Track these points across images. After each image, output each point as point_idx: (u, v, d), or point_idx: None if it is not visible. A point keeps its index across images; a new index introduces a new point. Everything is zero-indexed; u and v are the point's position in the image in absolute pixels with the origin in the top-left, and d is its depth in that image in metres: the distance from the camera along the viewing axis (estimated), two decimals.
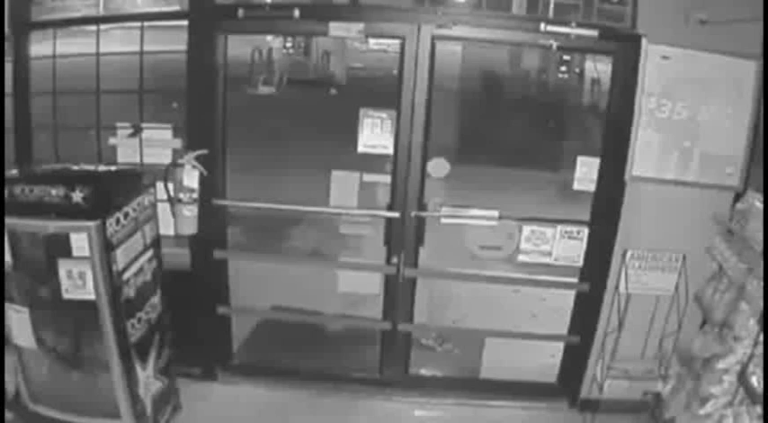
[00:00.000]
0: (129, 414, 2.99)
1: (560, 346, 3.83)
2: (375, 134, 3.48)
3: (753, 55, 3.16)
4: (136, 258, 3.00)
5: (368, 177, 3.61)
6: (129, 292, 2.95)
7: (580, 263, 3.59)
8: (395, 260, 3.57)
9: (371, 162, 3.59)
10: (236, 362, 3.95)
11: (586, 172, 3.47)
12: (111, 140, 3.58)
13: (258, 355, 4.06)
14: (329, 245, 4.29)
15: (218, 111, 3.51)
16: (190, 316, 3.57)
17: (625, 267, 3.38)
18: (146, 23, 3.55)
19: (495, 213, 3.55)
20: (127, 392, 2.96)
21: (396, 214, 3.53)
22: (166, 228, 3.36)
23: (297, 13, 3.34)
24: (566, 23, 3.27)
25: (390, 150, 3.49)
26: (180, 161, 3.34)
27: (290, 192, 3.96)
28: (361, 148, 3.49)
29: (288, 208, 3.75)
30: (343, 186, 3.60)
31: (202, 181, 3.37)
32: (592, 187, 3.49)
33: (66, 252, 2.75)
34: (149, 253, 3.12)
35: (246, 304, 4.03)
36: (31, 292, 2.85)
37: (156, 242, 3.20)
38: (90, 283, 2.78)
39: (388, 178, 3.55)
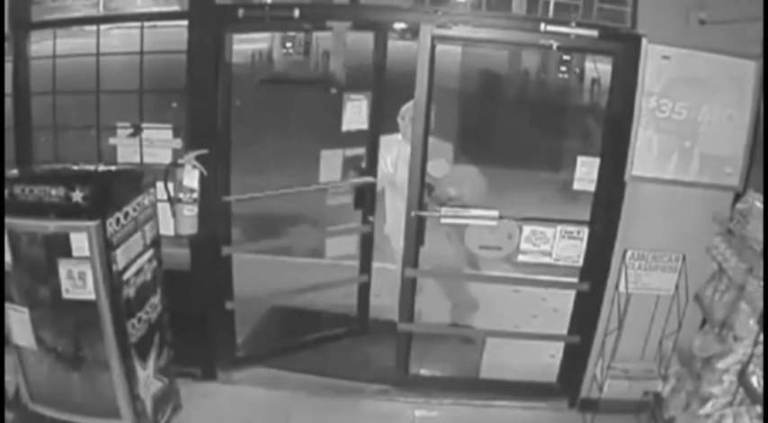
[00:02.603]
0: (129, 414, 2.99)
1: (560, 346, 3.83)
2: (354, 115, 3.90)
3: (753, 55, 3.15)
4: (136, 258, 3.00)
5: (349, 152, 3.98)
6: (129, 292, 2.95)
7: (580, 263, 3.59)
8: (370, 219, 4.09)
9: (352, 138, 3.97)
10: (237, 362, 3.95)
11: (586, 172, 3.47)
12: (111, 140, 3.58)
13: (258, 355, 4.06)
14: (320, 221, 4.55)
15: (220, 109, 3.51)
16: (190, 316, 3.57)
17: (625, 267, 3.38)
18: (146, 23, 3.55)
19: (495, 213, 3.55)
20: (127, 392, 2.96)
21: (370, 179, 3.99)
22: (166, 228, 3.36)
23: (297, 12, 3.34)
24: (566, 23, 3.27)
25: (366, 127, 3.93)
26: (180, 161, 3.34)
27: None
28: (344, 127, 3.89)
29: (289, 191, 3.98)
30: (330, 163, 3.95)
31: (204, 180, 3.37)
32: (592, 187, 3.49)
33: (67, 252, 2.75)
34: (149, 253, 3.12)
35: (246, 305, 4.04)
36: (31, 292, 2.85)
37: (156, 242, 3.21)
38: (90, 283, 2.78)
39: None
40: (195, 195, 3.34)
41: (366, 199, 4.05)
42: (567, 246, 3.55)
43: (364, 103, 3.86)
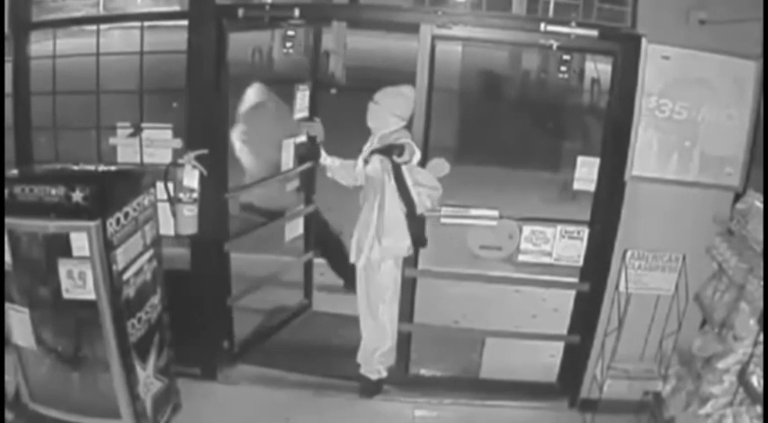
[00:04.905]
0: (129, 414, 2.99)
1: (560, 346, 3.83)
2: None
3: (753, 55, 3.16)
4: (136, 258, 3.00)
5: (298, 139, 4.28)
6: (129, 292, 2.95)
7: (580, 263, 3.59)
8: (312, 200, 4.47)
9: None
10: (237, 361, 3.96)
11: (586, 172, 3.47)
12: (111, 140, 3.58)
13: (258, 354, 4.07)
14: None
15: (219, 109, 3.51)
16: (190, 316, 3.57)
17: (625, 267, 3.38)
18: (146, 23, 3.55)
19: (496, 213, 3.55)
20: (127, 392, 2.96)
21: (310, 164, 4.21)
22: (166, 228, 3.36)
23: (297, 12, 3.35)
24: (566, 23, 3.27)
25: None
26: (180, 161, 3.34)
27: None
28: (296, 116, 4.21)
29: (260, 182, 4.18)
30: (287, 151, 4.25)
31: (204, 180, 3.37)
32: (592, 187, 3.49)
33: (67, 252, 2.75)
34: (149, 253, 3.12)
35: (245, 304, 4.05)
36: (31, 292, 2.85)
37: (156, 242, 3.20)
38: (90, 283, 2.78)
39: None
40: (195, 195, 3.34)
41: (308, 182, 4.44)
42: (567, 246, 3.56)
43: (307, 93, 4.23)
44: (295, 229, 4.41)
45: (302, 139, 4.24)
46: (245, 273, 4.05)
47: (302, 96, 4.21)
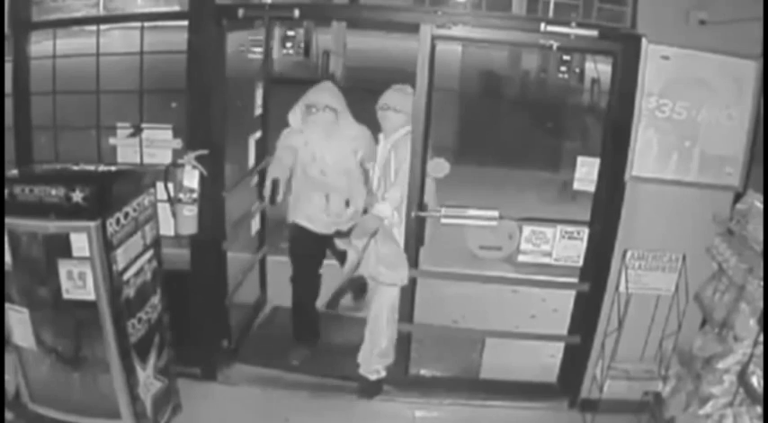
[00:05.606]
0: (129, 414, 2.99)
1: (560, 346, 3.83)
2: None
3: (753, 55, 3.16)
4: (136, 258, 3.00)
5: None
6: (129, 292, 2.95)
7: (580, 263, 3.59)
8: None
9: None
10: (237, 361, 3.96)
11: (586, 172, 3.47)
12: (111, 140, 3.58)
13: (258, 354, 4.07)
14: None
15: (218, 108, 3.51)
16: (190, 316, 3.57)
17: (625, 267, 3.38)
18: (146, 23, 3.55)
19: (496, 213, 3.55)
20: (127, 392, 2.96)
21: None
22: (166, 228, 3.36)
23: (297, 12, 3.35)
24: (566, 23, 3.27)
25: None
26: (180, 161, 3.34)
27: None
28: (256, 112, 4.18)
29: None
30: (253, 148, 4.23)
31: (204, 180, 3.38)
32: (592, 187, 3.49)
33: (67, 252, 2.75)
34: (149, 253, 3.12)
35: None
36: (31, 292, 2.84)
37: (156, 242, 3.20)
38: (90, 284, 2.78)
39: None
40: (195, 195, 3.34)
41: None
42: (567, 246, 3.55)
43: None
44: (255, 224, 4.40)
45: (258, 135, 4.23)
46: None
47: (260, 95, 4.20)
